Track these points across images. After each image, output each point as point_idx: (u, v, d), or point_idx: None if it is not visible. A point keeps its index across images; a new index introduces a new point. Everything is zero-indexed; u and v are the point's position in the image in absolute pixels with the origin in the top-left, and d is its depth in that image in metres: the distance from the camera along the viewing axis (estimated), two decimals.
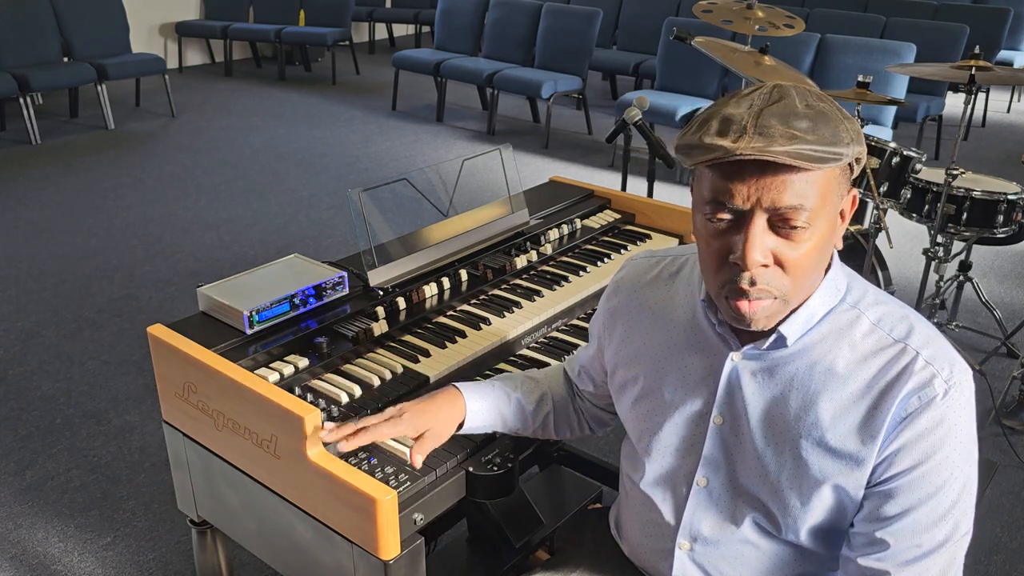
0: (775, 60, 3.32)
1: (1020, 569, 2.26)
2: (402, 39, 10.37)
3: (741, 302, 1.01)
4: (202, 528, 1.66)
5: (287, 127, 6.40)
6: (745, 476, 1.12)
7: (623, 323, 1.26)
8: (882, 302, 1.09)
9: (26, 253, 4.12)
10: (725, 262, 1.00)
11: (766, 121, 0.93)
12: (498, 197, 1.97)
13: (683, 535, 1.19)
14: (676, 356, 1.18)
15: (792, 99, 0.97)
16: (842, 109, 1.00)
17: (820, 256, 1.01)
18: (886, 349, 1.04)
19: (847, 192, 1.03)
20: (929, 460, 1.01)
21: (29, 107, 5.78)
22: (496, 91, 6.27)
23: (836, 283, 1.08)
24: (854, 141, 0.96)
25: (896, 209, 3.08)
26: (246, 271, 1.68)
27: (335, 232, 4.45)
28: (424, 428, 1.26)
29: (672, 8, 6.79)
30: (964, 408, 1.02)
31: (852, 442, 1.04)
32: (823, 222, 0.98)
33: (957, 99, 6.32)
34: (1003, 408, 2.89)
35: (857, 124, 1.00)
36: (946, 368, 1.01)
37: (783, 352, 1.08)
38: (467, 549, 1.97)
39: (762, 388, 1.09)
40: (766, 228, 0.97)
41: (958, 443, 1.02)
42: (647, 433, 1.21)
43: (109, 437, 2.74)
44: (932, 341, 1.04)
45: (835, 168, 0.97)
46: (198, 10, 8.48)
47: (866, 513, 1.06)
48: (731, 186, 0.96)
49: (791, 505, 1.09)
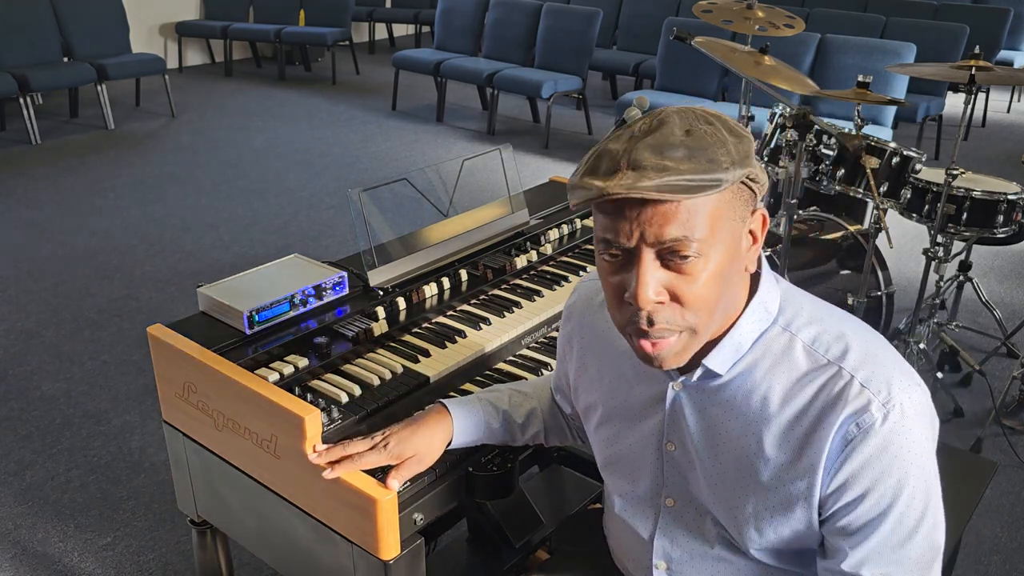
0: (775, 60, 3.32)
1: (1020, 569, 2.26)
2: (402, 39, 10.37)
3: (644, 342, 0.98)
4: (202, 528, 1.66)
5: (287, 127, 6.40)
6: (703, 498, 1.12)
7: (578, 349, 1.26)
8: (817, 319, 1.04)
9: (26, 253, 4.12)
10: (623, 300, 0.97)
11: (639, 155, 0.90)
12: (498, 197, 1.97)
13: (658, 555, 1.19)
14: (625, 384, 1.17)
15: (671, 126, 0.93)
16: (733, 127, 0.95)
17: (721, 286, 0.97)
18: (820, 372, 1.00)
19: (750, 213, 0.99)
20: (879, 487, 0.97)
21: (29, 107, 5.78)
22: (496, 91, 6.27)
23: (765, 305, 1.04)
24: (736, 164, 0.91)
25: (896, 209, 3.08)
26: (246, 271, 1.68)
27: (335, 232, 4.45)
28: (409, 455, 1.25)
29: (672, 8, 6.79)
30: (909, 427, 0.97)
31: (793, 469, 1.01)
32: (717, 251, 0.94)
33: (957, 99, 6.31)
34: (1003, 408, 2.89)
35: (747, 144, 0.95)
36: (883, 390, 0.96)
37: (719, 381, 1.06)
38: (467, 549, 1.97)
39: (704, 415, 1.08)
40: (656, 264, 0.94)
41: (909, 464, 0.97)
42: (612, 458, 1.22)
43: (109, 437, 2.74)
44: (868, 360, 0.99)
45: (723, 193, 0.93)
46: (198, 10, 8.48)
47: (829, 547, 1.03)
48: (614, 224, 0.93)
49: (746, 527, 1.07)
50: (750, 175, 0.95)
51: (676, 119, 0.94)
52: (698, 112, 0.96)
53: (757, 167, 0.96)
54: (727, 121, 0.96)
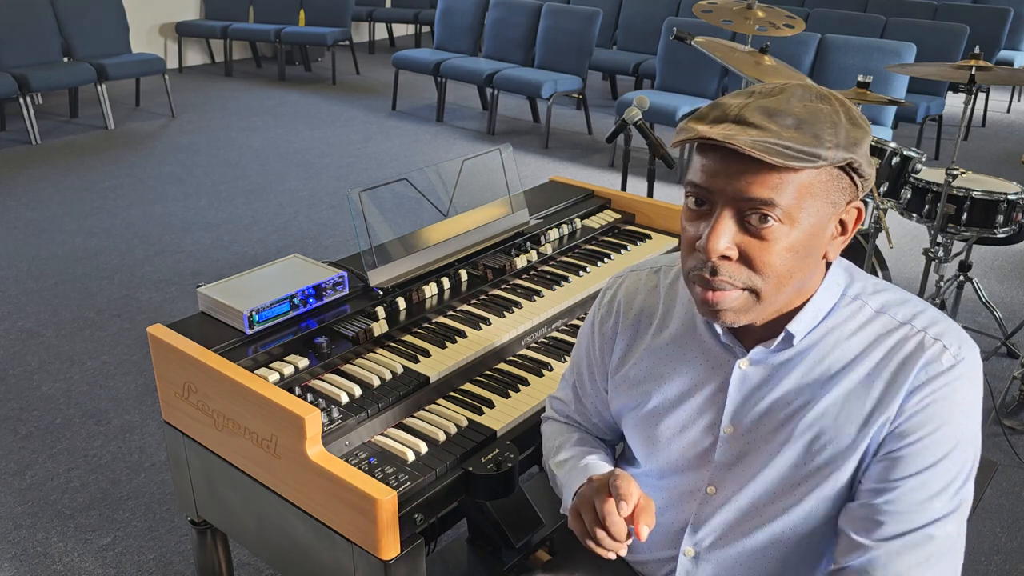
0: (775, 60, 3.32)
1: (1020, 569, 2.26)
2: (402, 39, 10.37)
3: (705, 291, 1.00)
4: (202, 528, 1.66)
5: (287, 127, 6.40)
6: (754, 482, 1.11)
7: (624, 340, 1.24)
8: (883, 290, 1.09)
9: (26, 253, 4.12)
10: (695, 248, 1.00)
11: (748, 112, 0.93)
12: (498, 197, 1.97)
13: (688, 542, 1.18)
14: (681, 368, 1.17)
15: (789, 95, 0.96)
16: (854, 115, 0.97)
17: (796, 261, 0.98)
18: (893, 332, 1.04)
19: (846, 204, 1.00)
20: (934, 432, 1.00)
21: (29, 107, 5.78)
22: (496, 91, 6.27)
23: (837, 280, 1.08)
24: (840, 147, 0.93)
25: (896, 209, 3.08)
26: (246, 271, 1.68)
27: (335, 232, 4.45)
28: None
29: (672, 8, 6.79)
30: (972, 384, 1.02)
31: (863, 429, 1.03)
32: (799, 226, 0.96)
33: (957, 99, 6.33)
34: (1003, 408, 2.89)
35: (861, 132, 0.96)
36: (955, 344, 1.02)
37: (788, 352, 1.08)
38: (467, 549, 1.97)
39: (771, 392, 1.09)
40: (733, 220, 0.97)
41: (964, 417, 1.01)
42: (654, 446, 1.20)
43: (109, 437, 2.74)
44: (939, 320, 1.04)
45: (820, 172, 0.94)
46: (198, 10, 8.48)
47: (865, 485, 1.05)
48: (705, 170, 0.97)
49: (799, 506, 1.08)
50: (853, 164, 0.96)
51: (798, 91, 0.97)
52: (824, 92, 0.99)
53: (865, 160, 0.98)
54: (850, 108, 0.98)
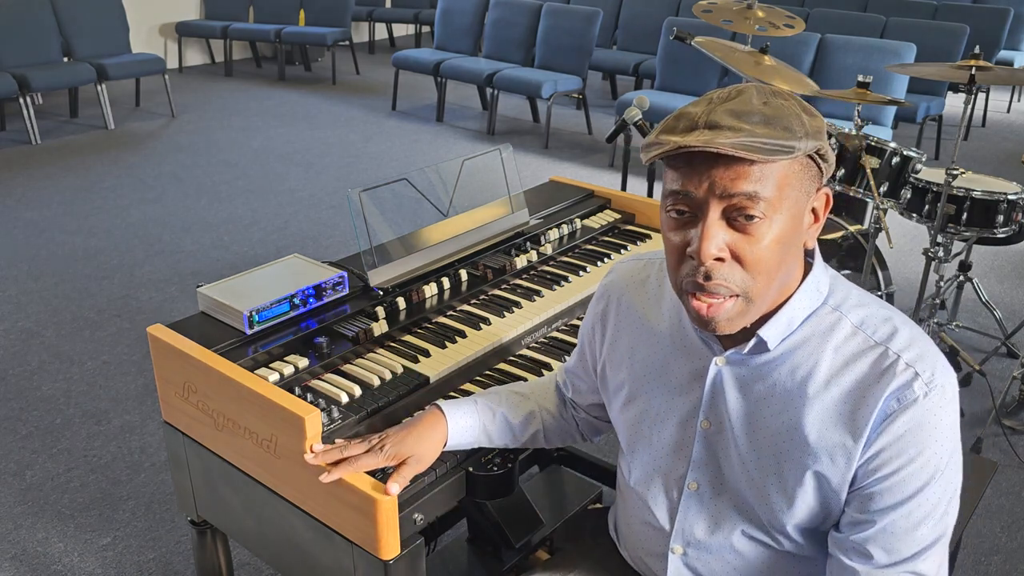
0: (775, 60, 3.32)
1: (1020, 569, 2.26)
2: (402, 39, 10.37)
3: (700, 303, 1.00)
4: (202, 528, 1.66)
5: (287, 127, 6.40)
6: (733, 478, 1.12)
7: (612, 326, 1.26)
8: (865, 304, 1.08)
9: (26, 253, 4.12)
10: (684, 256, 1.01)
11: (717, 117, 0.95)
12: (498, 197, 1.97)
13: (676, 540, 1.19)
14: (663, 361, 1.18)
15: (749, 96, 0.98)
16: (807, 106, 1.00)
17: (782, 252, 1.00)
18: (868, 352, 1.03)
19: (815, 191, 1.02)
20: (911, 463, 1.00)
21: (29, 107, 5.78)
22: (496, 91, 6.27)
23: (818, 285, 1.07)
24: (808, 136, 0.96)
25: (896, 209, 3.08)
26: (246, 271, 1.68)
27: (335, 232, 4.45)
28: (405, 456, 1.25)
29: (672, 8, 6.79)
30: (945, 410, 1.01)
31: (835, 443, 1.03)
32: (782, 216, 0.98)
33: (957, 99, 6.33)
34: (1003, 408, 2.89)
35: (819, 121, 1.00)
36: (927, 370, 1.01)
37: (766, 356, 1.07)
38: (467, 549, 1.97)
39: (746, 392, 1.09)
40: (721, 221, 0.98)
41: (939, 446, 1.01)
42: (636, 438, 1.22)
43: (109, 437, 2.74)
44: (914, 343, 1.03)
45: (793, 163, 0.97)
46: (198, 10, 8.48)
47: (848, 518, 1.06)
48: (684, 177, 0.98)
49: (777, 507, 1.09)
50: (820, 151, 0.99)
51: (754, 91, 1.00)
52: (775, 88, 1.02)
53: (827, 146, 1.00)
54: (801, 101, 1.01)
